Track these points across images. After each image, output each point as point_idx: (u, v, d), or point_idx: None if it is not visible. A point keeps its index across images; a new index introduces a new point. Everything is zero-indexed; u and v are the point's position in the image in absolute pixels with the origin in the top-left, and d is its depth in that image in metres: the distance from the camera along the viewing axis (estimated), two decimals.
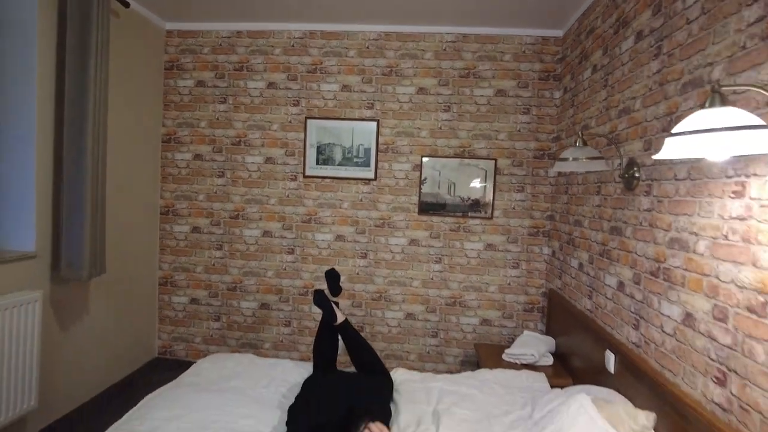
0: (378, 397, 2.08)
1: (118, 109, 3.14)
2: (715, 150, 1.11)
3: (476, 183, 3.57)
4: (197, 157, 3.74)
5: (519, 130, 3.55)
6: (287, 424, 1.93)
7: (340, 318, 2.53)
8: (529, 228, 3.59)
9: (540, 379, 2.66)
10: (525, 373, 2.75)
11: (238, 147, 3.71)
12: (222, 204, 3.74)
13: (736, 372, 1.42)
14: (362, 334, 3.67)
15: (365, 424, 1.41)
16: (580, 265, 2.84)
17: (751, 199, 1.39)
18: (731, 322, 1.45)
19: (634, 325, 2.11)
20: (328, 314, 2.51)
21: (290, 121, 3.67)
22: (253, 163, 3.71)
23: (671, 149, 1.19)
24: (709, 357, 1.55)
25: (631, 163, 2.19)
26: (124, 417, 2.06)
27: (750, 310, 1.37)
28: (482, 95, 3.56)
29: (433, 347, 3.69)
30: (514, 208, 3.59)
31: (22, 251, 2.53)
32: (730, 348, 1.45)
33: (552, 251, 3.47)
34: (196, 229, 3.77)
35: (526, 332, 3.30)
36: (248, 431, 1.93)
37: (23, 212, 2.55)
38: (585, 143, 2.29)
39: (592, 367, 2.52)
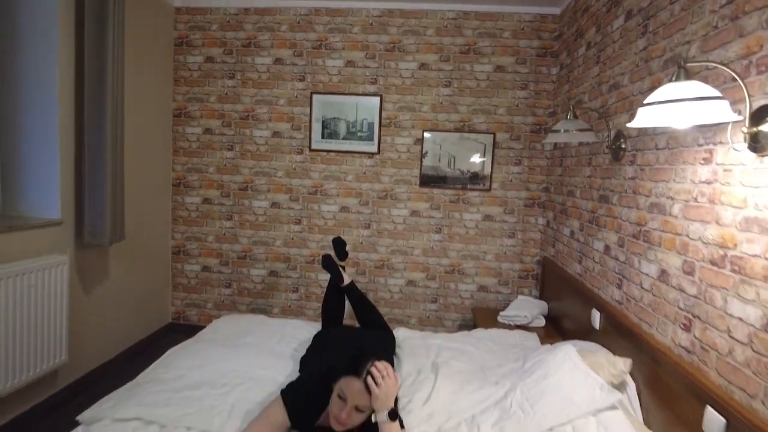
0: (382, 347, 2.28)
1: (131, 84, 3.27)
2: (679, 118, 1.27)
3: (475, 157, 3.72)
4: (207, 131, 3.89)
5: (517, 105, 3.69)
6: (300, 371, 2.13)
7: (347, 280, 2.72)
8: (525, 199, 3.76)
9: (532, 338, 2.87)
10: (518, 332, 2.95)
11: (246, 121, 3.86)
12: (231, 176, 3.90)
13: (699, 318, 1.61)
14: None
15: (371, 363, 1.59)
16: (572, 232, 3.02)
17: (716, 164, 1.56)
18: (697, 275, 1.63)
19: (617, 284, 2.30)
20: (336, 276, 2.70)
21: (296, 96, 3.81)
22: (261, 136, 3.86)
23: (642, 118, 1.35)
24: (678, 307, 1.74)
25: (618, 135, 2.34)
26: (151, 366, 2.27)
27: (712, 263, 1.55)
28: (482, 71, 3.68)
29: (433, 312, 3.89)
30: (511, 181, 3.75)
31: (49, 218, 2.70)
32: (696, 297, 1.64)
33: (546, 221, 3.65)
34: (207, 201, 3.94)
35: (520, 297, 3.50)
36: (264, 378, 2.13)
37: (48, 182, 2.71)
38: (576, 116, 2.45)
39: (581, 326, 2.72)
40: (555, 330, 3.15)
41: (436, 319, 3.89)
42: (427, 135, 3.73)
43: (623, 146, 2.29)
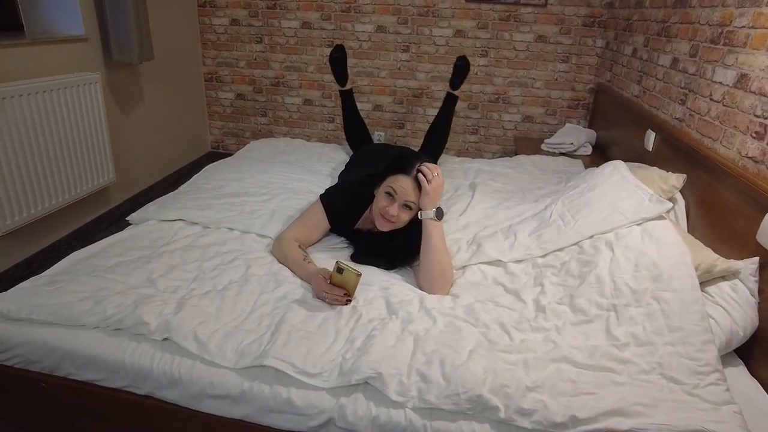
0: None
1: None
2: None
3: None
4: None
5: None
6: (339, 176, 2.13)
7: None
8: (584, 17, 3.33)
9: (576, 164, 2.75)
10: (562, 159, 2.84)
11: None
12: None
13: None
14: (402, 130, 3.79)
15: (421, 162, 1.54)
16: (634, 50, 2.69)
17: None
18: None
19: (681, 100, 2.08)
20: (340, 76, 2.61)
21: None
22: None
23: None
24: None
25: None
26: (191, 179, 2.31)
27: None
28: None
29: (472, 144, 3.77)
30: None
31: (73, 34, 2.59)
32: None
33: (606, 42, 3.26)
34: (234, 22, 3.69)
35: (567, 125, 3.30)
36: (303, 190, 2.14)
37: None
38: None
39: (631, 150, 2.54)
40: (602, 158, 2.99)
41: (475, 151, 3.79)
42: None
43: None
